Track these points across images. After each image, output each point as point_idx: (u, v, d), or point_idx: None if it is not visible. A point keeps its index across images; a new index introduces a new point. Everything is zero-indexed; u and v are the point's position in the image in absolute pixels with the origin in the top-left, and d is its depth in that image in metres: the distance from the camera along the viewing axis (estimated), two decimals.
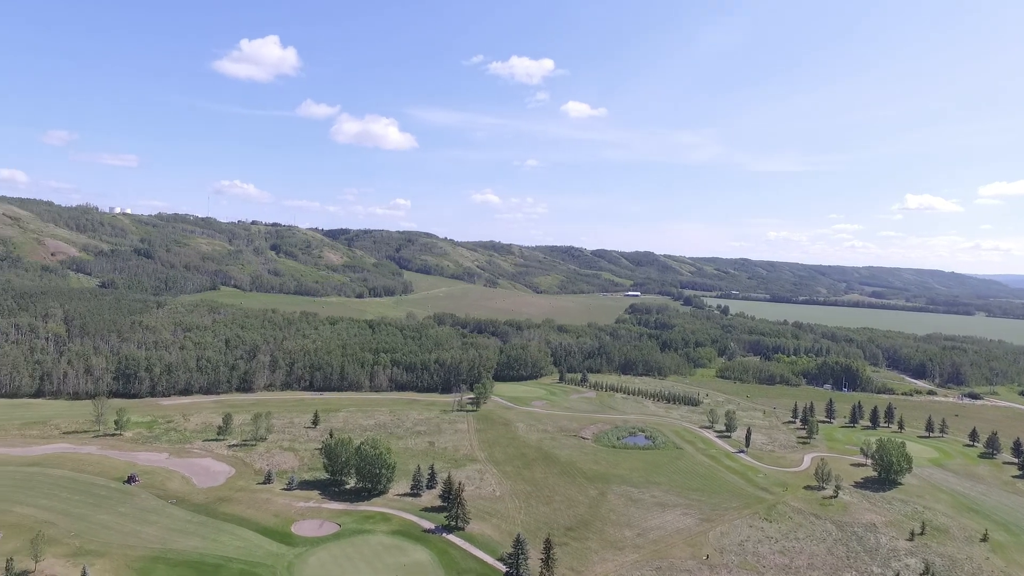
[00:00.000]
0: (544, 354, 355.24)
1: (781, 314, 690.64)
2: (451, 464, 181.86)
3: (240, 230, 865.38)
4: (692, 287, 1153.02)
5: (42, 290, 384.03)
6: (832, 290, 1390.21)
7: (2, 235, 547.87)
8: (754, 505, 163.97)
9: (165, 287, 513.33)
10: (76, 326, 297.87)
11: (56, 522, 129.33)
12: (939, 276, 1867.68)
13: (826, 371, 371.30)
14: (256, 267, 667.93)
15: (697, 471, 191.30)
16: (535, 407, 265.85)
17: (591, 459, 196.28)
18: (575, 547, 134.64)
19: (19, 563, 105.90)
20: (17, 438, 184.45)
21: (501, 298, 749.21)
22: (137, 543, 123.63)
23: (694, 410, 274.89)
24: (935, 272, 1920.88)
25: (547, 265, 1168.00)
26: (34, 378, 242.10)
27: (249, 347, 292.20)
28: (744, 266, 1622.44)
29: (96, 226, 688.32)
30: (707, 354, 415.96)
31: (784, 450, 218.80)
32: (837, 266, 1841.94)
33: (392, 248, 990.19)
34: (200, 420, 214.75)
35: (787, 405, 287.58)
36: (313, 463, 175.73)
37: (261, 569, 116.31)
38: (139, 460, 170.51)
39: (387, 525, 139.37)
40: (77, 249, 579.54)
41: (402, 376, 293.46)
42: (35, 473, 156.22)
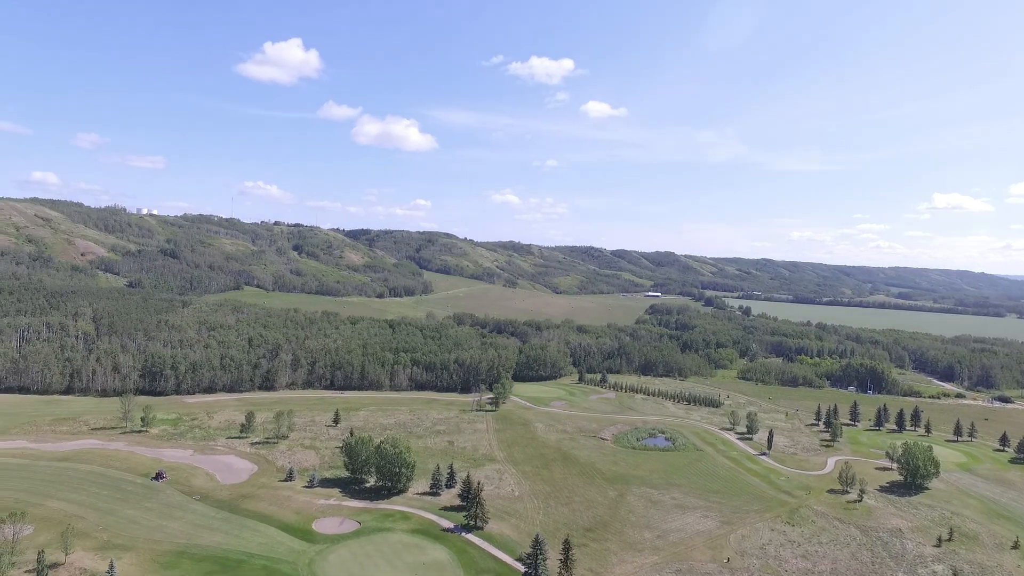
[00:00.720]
0: (563, 354, 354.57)
1: (804, 315, 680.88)
2: (470, 464, 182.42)
3: (263, 230, 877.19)
4: (713, 288, 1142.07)
5: (72, 289, 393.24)
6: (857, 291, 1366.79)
7: (35, 235, 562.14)
8: (776, 508, 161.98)
9: (190, 287, 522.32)
10: (104, 325, 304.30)
11: (85, 516, 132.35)
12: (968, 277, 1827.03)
13: (850, 373, 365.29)
14: (279, 267, 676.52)
15: (718, 473, 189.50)
16: (554, 407, 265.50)
17: (610, 460, 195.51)
18: (594, 548, 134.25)
19: (50, 555, 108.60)
20: (48, 434, 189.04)
21: (521, 298, 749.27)
22: (163, 538, 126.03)
23: (715, 412, 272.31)
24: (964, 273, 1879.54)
25: (567, 265, 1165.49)
26: (64, 375, 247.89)
27: (271, 346, 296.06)
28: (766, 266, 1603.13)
29: (124, 227, 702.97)
30: (728, 355, 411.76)
31: (807, 453, 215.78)
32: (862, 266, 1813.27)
33: (412, 248, 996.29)
34: (223, 418, 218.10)
35: (810, 407, 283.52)
36: (334, 461, 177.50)
37: (283, 565, 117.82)
38: (165, 456, 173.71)
39: (406, 524, 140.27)
40: (106, 249, 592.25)
41: (422, 376, 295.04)
42: (65, 468, 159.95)
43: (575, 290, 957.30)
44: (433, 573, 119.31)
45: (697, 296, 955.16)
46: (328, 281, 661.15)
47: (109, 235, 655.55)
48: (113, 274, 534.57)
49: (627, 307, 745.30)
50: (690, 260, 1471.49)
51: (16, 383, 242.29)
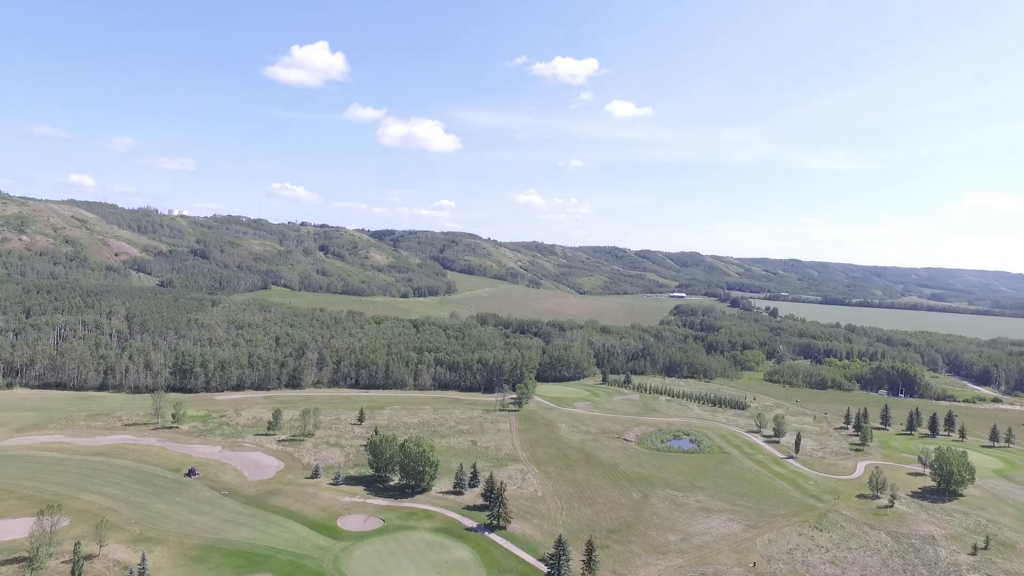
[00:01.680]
0: (587, 355, 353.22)
1: (833, 316, 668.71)
2: (493, 463, 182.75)
3: (290, 231, 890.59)
4: (739, 288, 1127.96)
5: (106, 289, 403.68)
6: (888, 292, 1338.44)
7: (71, 236, 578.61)
8: (804, 513, 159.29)
9: (219, 286, 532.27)
10: (137, 323, 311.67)
11: (118, 509, 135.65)
12: (1005, 278, 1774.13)
13: (881, 376, 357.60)
14: (305, 267, 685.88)
15: (744, 476, 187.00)
16: (578, 408, 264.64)
17: (634, 461, 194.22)
18: (617, 550, 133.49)
19: (85, 547, 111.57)
20: (84, 429, 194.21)
21: (544, 299, 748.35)
22: (192, 532, 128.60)
23: (741, 414, 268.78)
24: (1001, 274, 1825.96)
25: (590, 266, 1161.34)
26: (99, 372, 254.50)
27: (298, 345, 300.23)
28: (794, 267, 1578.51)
29: (156, 228, 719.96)
30: (755, 357, 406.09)
31: (836, 457, 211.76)
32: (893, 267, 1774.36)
33: (436, 249, 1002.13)
34: (251, 415, 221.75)
35: (839, 411, 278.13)
36: (358, 459, 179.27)
37: (308, 561, 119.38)
38: (194, 453, 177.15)
39: (430, 522, 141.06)
40: (138, 250, 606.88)
41: (445, 375, 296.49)
42: (100, 463, 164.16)
43: (599, 291, 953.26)
44: (456, 572, 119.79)
45: (723, 297, 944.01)
46: (353, 281, 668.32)
47: (142, 236, 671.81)
48: (145, 274, 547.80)
49: (651, 308, 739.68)
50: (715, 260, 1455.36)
51: (54, 379, 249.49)
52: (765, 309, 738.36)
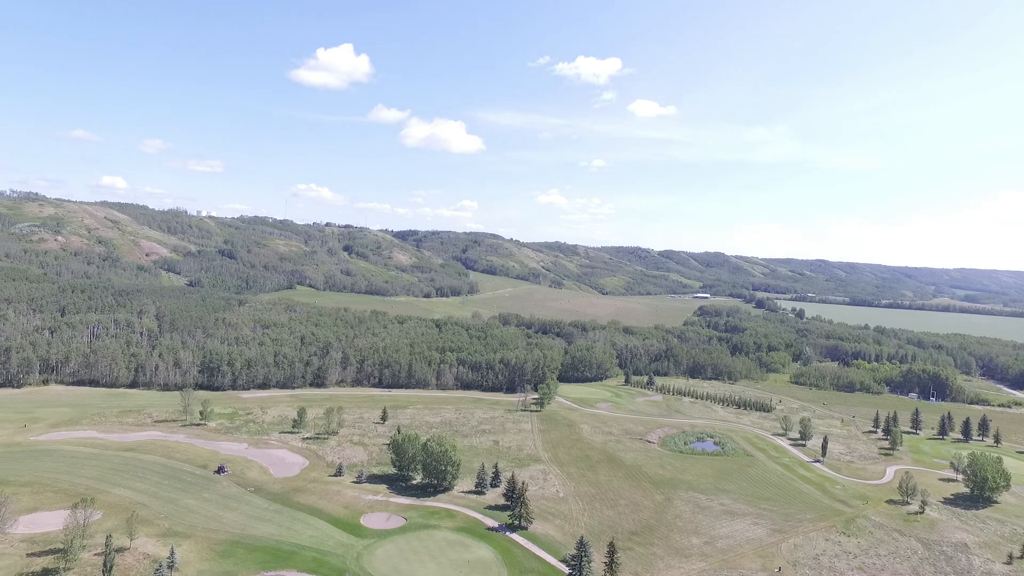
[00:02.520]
0: (609, 356, 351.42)
1: (862, 318, 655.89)
2: (515, 463, 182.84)
3: (315, 232, 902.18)
4: (765, 289, 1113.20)
5: (137, 288, 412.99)
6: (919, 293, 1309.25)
7: (104, 237, 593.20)
8: (831, 517, 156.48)
9: (246, 286, 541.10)
10: (167, 322, 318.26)
11: (148, 504, 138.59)
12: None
13: (911, 379, 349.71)
14: (329, 267, 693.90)
15: (769, 480, 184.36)
16: (600, 409, 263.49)
17: (657, 463, 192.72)
18: (640, 552, 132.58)
19: (117, 540, 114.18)
20: (115, 425, 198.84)
21: (566, 299, 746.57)
22: (219, 527, 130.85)
23: (766, 416, 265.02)
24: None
25: (613, 266, 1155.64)
26: (130, 370, 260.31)
27: (322, 344, 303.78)
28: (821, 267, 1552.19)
29: (185, 228, 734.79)
30: (780, 359, 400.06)
31: (864, 461, 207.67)
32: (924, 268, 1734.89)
33: (459, 249, 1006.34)
34: (277, 413, 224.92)
35: (867, 414, 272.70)
36: (381, 458, 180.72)
37: (332, 558, 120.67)
38: (221, 449, 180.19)
39: (452, 521, 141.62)
40: (168, 250, 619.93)
41: (468, 375, 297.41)
42: (130, 458, 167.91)
43: (621, 291, 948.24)
44: (478, 571, 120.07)
45: (748, 298, 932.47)
46: (377, 281, 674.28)
47: (171, 236, 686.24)
48: (175, 273, 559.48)
49: (675, 308, 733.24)
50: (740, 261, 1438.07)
51: (87, 376, 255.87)
52: (791, 310, 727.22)
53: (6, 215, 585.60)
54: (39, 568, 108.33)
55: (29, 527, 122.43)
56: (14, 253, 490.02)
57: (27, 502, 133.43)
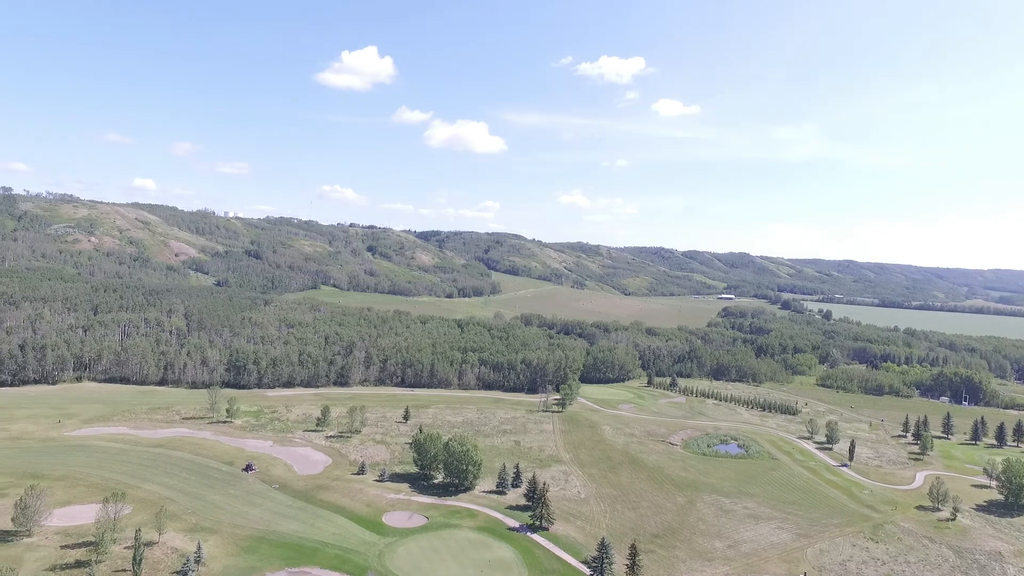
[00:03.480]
0: (632, 357, 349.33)
1: (891, 320, 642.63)
2: (536, 464, 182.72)
3: (339, 232, 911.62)
4: (791, 290, 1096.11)
5: (167, 288, 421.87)
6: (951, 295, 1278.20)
7: (136, 237, 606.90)
8: (858, 523, 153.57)
9: (272, 286, 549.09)
10: (195, 321, 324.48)
11: (176, 499, 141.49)
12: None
13: (943, 382, 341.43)
14: (353, 267, 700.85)
15: (794, 483, 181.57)
16: (622, 410, 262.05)
17: (680, 466, 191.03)
18: (662, 555, 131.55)
19: (146, 534, 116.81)
20: (145, 421, 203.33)
21: (588, 299, 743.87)
22: (244, 523, 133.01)
23: (792, 419, 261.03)
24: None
25: (636, 267, 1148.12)
26: (159, 367, 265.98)
27: (346, 343, 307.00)
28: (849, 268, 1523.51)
29: (213, 229, 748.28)
30: (807, 361, 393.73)
31: (893, 466, 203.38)
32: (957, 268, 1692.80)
33: (481, 249, 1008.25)
34: (301, 411, 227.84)
35: (897, 418, 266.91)
36: (403, 457, 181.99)
37: (354, 555, 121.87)
38: (247, 447, 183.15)
39: (473, 521, 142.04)
40: (196, 250, 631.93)
41: (489, 375, 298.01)
42: (159, 454, 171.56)
43: (644, 292, 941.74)
44: (498, 571, 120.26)
45: (773, 299, 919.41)
46: (400, 281, 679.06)
47: (200, 237, 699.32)
48: (203, 273, 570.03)
49: (698, 309, 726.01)
50: (766, 261, 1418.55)
51: (118, 374, 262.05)
52: (818, 311, 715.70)
53: (43, 216, 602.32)
54: (72, 560, 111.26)
55: (63, 520, 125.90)
56: (50, 253, 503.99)
57: (61, 496, 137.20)
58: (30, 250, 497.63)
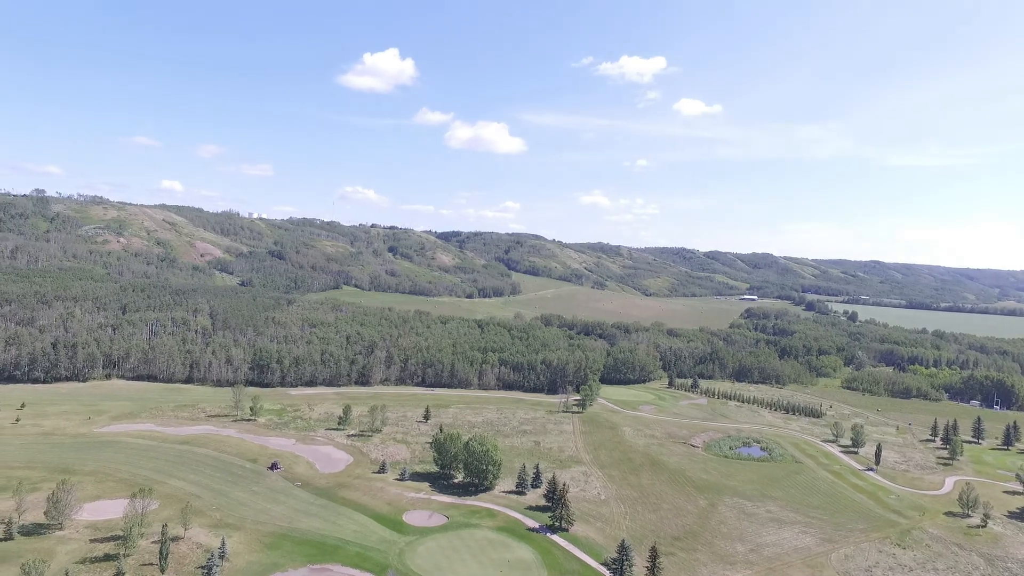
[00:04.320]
0: (653, 358, 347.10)
1: (919, 322, 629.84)
2: (556, 464, 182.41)
3: (361, 233, 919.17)
4: (815, 291, 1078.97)
5: (193, 287, 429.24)
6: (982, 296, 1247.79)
7: (163, 238, 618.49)
8: (884, 528, 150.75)
9: (294, 286, 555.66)
10: (220, 320, 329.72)
11: (201, 495, 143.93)
12: None
13: (973, 386, 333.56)
14: (375, 268, 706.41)
15: (818, 487, 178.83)
16: (643, 412, 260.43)
17: (701, 468, 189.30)
18: (682, 558, 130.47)
19: (172, 529, 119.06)
20: (171, 419, 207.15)
21: (609, 300, 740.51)
22: (267, 520, 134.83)
23: (816, 422, 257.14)
24: None
25: (657, 267, 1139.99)
26: (185, 366, 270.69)
27: (367, 343, 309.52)
28: (875, 269, 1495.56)
29: (237, 230, 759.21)
30: (831, 363, 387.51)
31: (921, 471, 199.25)
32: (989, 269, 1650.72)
33: (501, 250, 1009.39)
34: (323, 410, 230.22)
35: (925, 422, 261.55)
36: (424, 456, 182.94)
37: (374, 553, 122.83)
38: (270, 444, 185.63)
39: (492, 521, 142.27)
40: (221, 251, 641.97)
41: (509, 375, 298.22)
42: (185, 451, 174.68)
43: (665, 292, 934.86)
44: (518, 571, 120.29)
45: (797, 300, 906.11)
46: (420, 281, 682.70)
47: (224, 238, 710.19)
48: (227, 273, 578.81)
49: (721, 310, 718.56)
50: (789, 262, 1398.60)
51: (146, 371, 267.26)
52: (843, 313, 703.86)
53: (74, 218, 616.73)
54: (101, 553, 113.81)
55: (92, 514, 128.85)
56: (81, 254, 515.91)
57: (91, 490, 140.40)
58: (62, 250, 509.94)
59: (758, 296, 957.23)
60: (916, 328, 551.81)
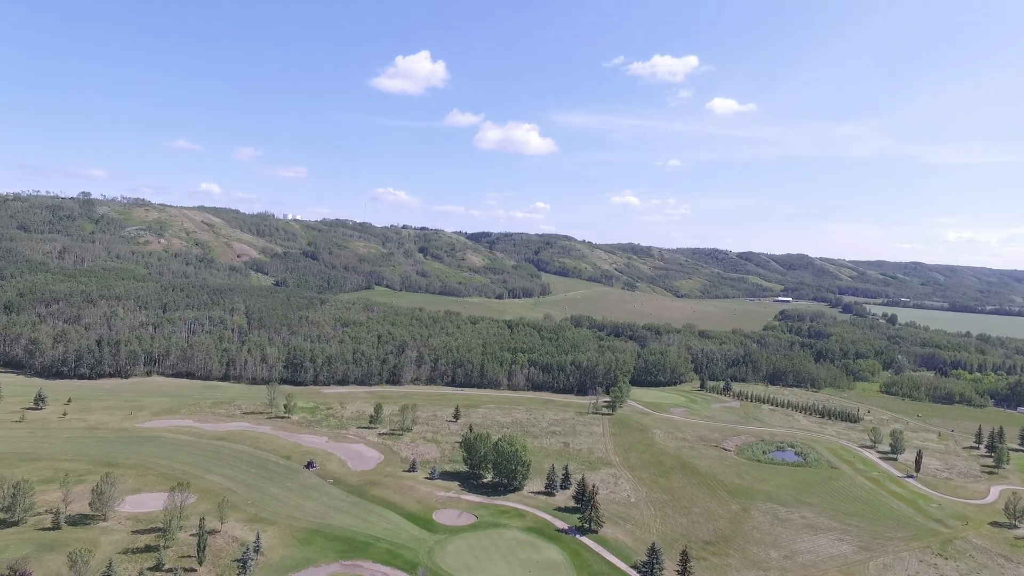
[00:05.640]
0: (684, 360, 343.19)
1: (963, 325, 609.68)
2: (585, 466, 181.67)
3: (392, 234, 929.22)
4: (853, 293, 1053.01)
5: (229, 287, 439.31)
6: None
7: (201, 239, 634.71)
8: (925, 538, 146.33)
9: (327, 286, 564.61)
10: (255, 319, 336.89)
11: (237, 491, 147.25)
12: None
13: (1020, 391, 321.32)
14: (405, 268, 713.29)
15: (855, 494, 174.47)
16: (673, 414, 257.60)
17: (733, 472, 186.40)
18: (714, 563, 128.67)
19: (209, 523, 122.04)
20: (209, 415, 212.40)
21: (639, 301, 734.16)
22: (300, 516, 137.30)
23: (853, 427, 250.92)
24: None
25: (689, 268, 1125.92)
26: (222, 364, 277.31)
27: (398, 343, 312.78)
28: (916, 271, 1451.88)
29: (272, 231, 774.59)
30: (869, 367, 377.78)
31: (964, 479, 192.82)
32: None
33: (531, 251, 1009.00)
34: (354, 409, 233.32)
35: (968, 428, 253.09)
36: (453, 455, 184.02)
37: (405, 551, 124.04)
38: (303, 442, 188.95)
39: (521, 521, 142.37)
40: (257, 251, 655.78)
41: (538, 376, 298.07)
42: (222, 447, 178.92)
43: (697, 294, 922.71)
44: (547, 573, 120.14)
45: (834, 302, 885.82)
46: (450, 282, 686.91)
47: (260, 239, 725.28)
48: (263, 274, 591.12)
49: (754, 312, 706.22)
50: (826, 263, 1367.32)
51: (184, 369, 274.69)
52: (882, 315, 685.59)
53: (118, 219, 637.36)
54: (142, 545, 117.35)
55: (134, 507, 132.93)
56: (124, 254, 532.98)
57: (133, 483, 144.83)
58: (106, 251, 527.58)
59: (793, 298, 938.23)
60: (959, 331, 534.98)
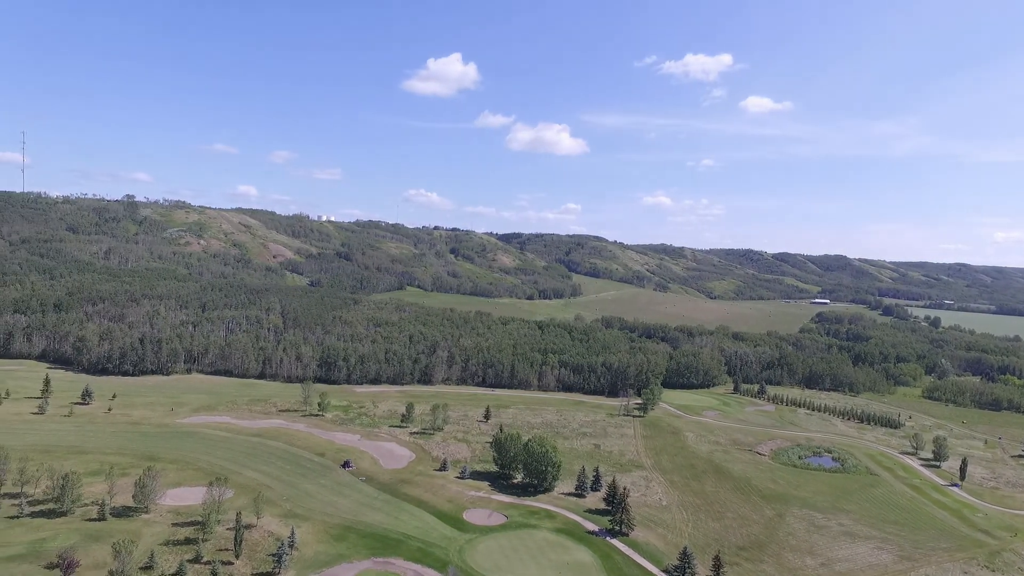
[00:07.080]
0: (717, 362, 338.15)
1: (1012, 328, 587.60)
2: (616, 468, 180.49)
3: (424, 235, 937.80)
4: (893, 295, 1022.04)
5: (266, 287, 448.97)
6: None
7: (239, 240, 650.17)
8: (971, 548, 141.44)
9: (360, 286, 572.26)
10: (290, 319, 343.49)
11: (272, 487, 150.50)
12: None
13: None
14: (437, 269, 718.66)
15: (895, 502, 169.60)
16: (706, 417, 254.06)
17: (768, 477, 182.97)
18: (748, 568, 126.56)
19: (245, 517, 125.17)
20: (246, 412, 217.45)
21: (671, 303, 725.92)
22: (334, 512, 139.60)
23: (893, 433, 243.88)
24: None
25: (722, 269, 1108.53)
26: (258, 362, 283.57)
27: (430, 343, 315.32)
28: (961, 272, 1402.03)
29: (307, 232, 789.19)
30: (911, 371, 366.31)
31: (1013, 488, 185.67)
32: None
33: (562, 251, 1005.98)
34: (386, 407, 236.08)
35: (1017, 436, 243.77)
36: (484, 455, 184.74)
37: (435, 550, 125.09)
38: (337, 439, 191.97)
39: (551, 522, 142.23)
40: (292, 252, 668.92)
41: (569, 377, 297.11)
42: (258, 443, 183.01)
43: (731, 295, 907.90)
44: (577, 574, 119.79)
45: (873, 304, 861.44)
46: (481, 283, 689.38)
47: (295, 240, 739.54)
48: (298, 274, 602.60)
49: (790, 314, 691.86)
50: (865, 264, 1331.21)
51: (222, 367, 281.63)
52: (924, 318, 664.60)
53: (159, 221, 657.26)
54: (182, 537, 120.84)
55: (174, 500, 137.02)
56: (165, 255, 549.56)
57: (173, 477, 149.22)
58: (148, 252, 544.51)
59: (830, 300, 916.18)
60: (1008, 335, 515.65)
